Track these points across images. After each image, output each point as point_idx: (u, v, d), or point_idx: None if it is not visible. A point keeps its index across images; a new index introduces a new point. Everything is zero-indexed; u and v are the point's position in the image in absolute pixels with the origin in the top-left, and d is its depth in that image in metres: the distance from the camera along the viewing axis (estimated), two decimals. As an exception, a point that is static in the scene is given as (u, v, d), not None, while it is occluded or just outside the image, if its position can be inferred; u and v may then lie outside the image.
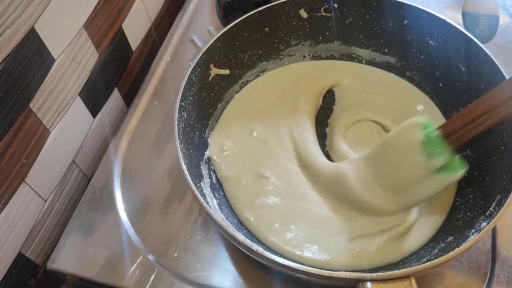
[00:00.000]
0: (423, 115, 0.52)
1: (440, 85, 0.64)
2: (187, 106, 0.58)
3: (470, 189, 0.56)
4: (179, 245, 0.58)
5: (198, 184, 0.56)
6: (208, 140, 0.63)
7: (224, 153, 0.61)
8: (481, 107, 0.49)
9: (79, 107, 0.63)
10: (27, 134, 0.54)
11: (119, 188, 0.63)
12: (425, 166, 0.50)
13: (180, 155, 0.52)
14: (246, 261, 0.56)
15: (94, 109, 0.67)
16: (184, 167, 0.51)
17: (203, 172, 0.59)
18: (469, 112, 0.50)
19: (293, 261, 0.50)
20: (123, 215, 0.60)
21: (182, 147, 0.54)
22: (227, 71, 0.66)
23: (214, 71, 0.64)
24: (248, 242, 0.47)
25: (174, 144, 0.54)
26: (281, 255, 0.52)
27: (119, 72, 0.72)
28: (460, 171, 0.50)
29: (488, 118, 0.49)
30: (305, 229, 0.55)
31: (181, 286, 0.55)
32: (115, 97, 0.72)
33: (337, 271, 0.45)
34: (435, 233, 0.54)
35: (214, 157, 0.61)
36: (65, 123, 0.60)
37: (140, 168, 0.65)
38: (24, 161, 0.54)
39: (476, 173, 0.56)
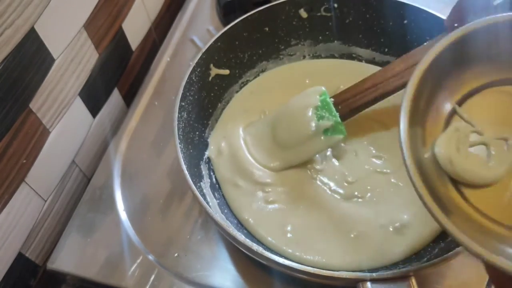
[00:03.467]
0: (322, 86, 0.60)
1: (440, 84, 0.64)
2: (187, 106, 0.58)
3: (470, 189, 0.56)
4: (179, 245, 0.58)
5: (198, 184, 0.56)
6: (208, 140, 0.63)
7: (224, 153, 0.61)
8: (368, 82, 0.58)
9: (79, 107, 0.63)
10: (27, 134, 0.54)
11: (119, 188, 0.63)
12: (315, 125, 0.57)
13: (180, 155, 0.52)
14: (246, 261, 0.56)
15: (94, 109, 0.67)
16: (184, 167, 0.51)
17: (203, 172, 0.59)
18: (358, 85, 0.59)
19: (293, 261, 0.50)
20: (123, 215, 0.60)
21: (182, 147, 0.54)
22: (227, 71, 0.65)
23: (214, 71, 0.64)
24: (248, 242, 0.47)
25: (174, 144, 0.54)
26: (281, 255, 0.52)
27: (119, 72, 0.72)
28: (340, 136, 0.57)
29: (373, 91, 0.58)
30: (304, 229, 0.55)
31: (181, 286, 0.55)
32: (115, 97, 0.72)
33: (337, 271, 0.45)
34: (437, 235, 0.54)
35: (213, 158, 0.61)
36: (65, 123, 0.60)
37: (140, 168, 0.65)
38: (24, 161, 0.54)
39: (476, 172, 0.56)
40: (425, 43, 0.58)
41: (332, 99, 0.59)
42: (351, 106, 0.59)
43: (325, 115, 0.58)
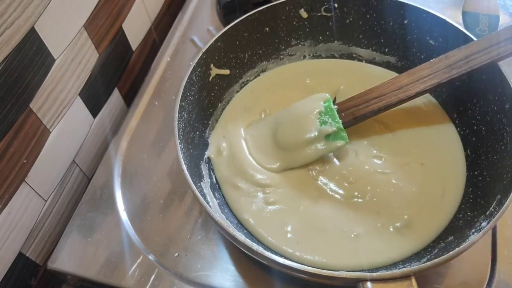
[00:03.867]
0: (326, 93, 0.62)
1: (440, 84, 0.64)
2: (187, 106, 0.58)
3: (471, 189, 0.56)
4: (179, 245, 0.58)
5: (198, 184, 0.56)
6: (208, 140, 0.63)
7: (224, 153, 0.61)
8: (373, 93, 0.60)
9: (79, 107, 0.63)
10: (27, 134, 0.54)
11: (119, 188, 0.63)
12: (317, 129, 0.58)
13: (180, 155, 0.52)
14: (246, 261, 0.56)
15: (94, 109, 0.67)
16: (184, 167, 0.51)
17: (203, 172, 0.59)
18: (363, 95, 0.60)
19: (293, 261, 0.50)
20: (123, 215, 0.60)
21: (182, 147, 0.54)
22: (227, 71, 0.66)
23: (214, 71, 0.64)
24: (248, 242, 0.47)
25: (174, 144, 0.54)
26: (281, 255, 0.52)
27: (119, 72, 0.72)
28: (341, 141, 0.58)
29: (377, 102, 0.59)
30: (305, 229, 0.55)
31: (181, 286, 0.55)
32: (115, 97, 0.72)
33: (337, 271, 0.45)
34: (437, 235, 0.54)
35: (214, 158, 0.61)
36: (65, 123, 0.60)
37: (140, 168, 0.65)
38: (24, 161, 0.54)
39: (476, 173, 0.56)
40: (432, 60, 0.58)
41: (336, 106, 0.60)
42: (355, 114, 0.59)
43: (328, 121, 0.59)
